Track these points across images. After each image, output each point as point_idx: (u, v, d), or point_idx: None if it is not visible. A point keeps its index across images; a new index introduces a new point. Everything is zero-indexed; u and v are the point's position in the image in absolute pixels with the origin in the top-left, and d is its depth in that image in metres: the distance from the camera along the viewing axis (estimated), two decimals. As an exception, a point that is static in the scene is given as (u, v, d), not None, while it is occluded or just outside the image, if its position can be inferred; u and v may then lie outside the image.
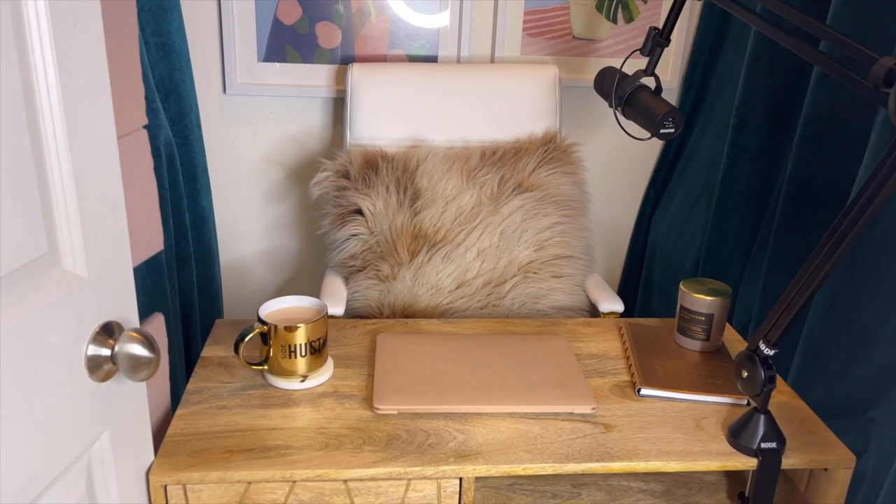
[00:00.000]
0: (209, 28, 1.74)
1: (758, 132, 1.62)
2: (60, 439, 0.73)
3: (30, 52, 0.66)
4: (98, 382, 0.78)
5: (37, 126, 0.68)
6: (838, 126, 1.37)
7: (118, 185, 0.79)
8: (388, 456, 0.98)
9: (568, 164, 1.67)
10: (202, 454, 0.97)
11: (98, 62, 0.74)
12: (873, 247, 1.20)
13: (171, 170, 1.46)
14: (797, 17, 0.94)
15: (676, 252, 1.90)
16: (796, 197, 1.45)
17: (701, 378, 1.16)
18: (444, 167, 1.60)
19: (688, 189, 1.91)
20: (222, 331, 1.28)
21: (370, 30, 1.77)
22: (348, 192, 1.58)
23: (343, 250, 1.59)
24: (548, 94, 1.71)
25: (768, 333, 0.97)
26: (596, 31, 1.83)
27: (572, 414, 1.08)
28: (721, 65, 1.82)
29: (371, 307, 1.58)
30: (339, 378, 1.15)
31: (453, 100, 1.70)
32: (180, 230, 1.54)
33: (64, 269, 0.73)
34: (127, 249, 0.82)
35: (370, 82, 1.67)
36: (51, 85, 0.68)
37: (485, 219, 1.58)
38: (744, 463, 1.00)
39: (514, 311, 1.58)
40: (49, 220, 0.70)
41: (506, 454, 0.99)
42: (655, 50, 1.24)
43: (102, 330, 0.77)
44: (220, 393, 1.10)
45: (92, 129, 0.74)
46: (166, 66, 1.50)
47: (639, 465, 0.99)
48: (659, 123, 1.19)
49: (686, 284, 1.24)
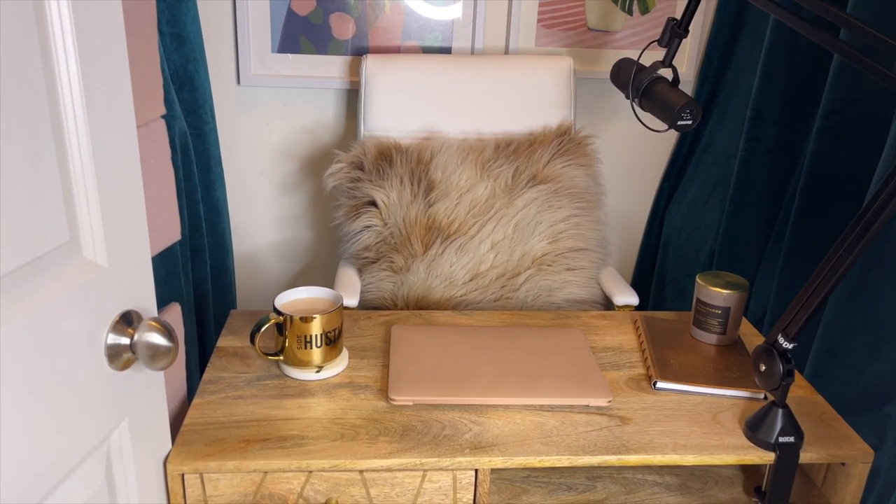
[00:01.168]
0: (223, 19, 1.74)
1: (775, 124, 1.60)
2: (80, 427, 0.74)
3: (52, 43, 0.66)
4: (117, 371, 0.78)
5: (58, 116, 0.68)
6: (858, 118, 1.35)
7: (137, 174, 0.79)
8: (404, 447, 0.98)
9: (582, 156, 1.66)
10: (219, 443, 0.97)
11: (119, 52, 0.74)
12: (891, 240, 1.19)
13: (186, 161, 1.46)
14: (818, 6, 0.93)
15: (691, 245, 1.89)
16: (814, 190, 1.43)
17: (717, 371, 1.15)
18: (458, 159, 1.60)
19: (702, 182, 1.90)
20: (237, 321, 1.28)
21: (384, 21, 1.76)
22: (362, 184, 1.58)
23: (357, 242, 1.59)
24: (562, 86, 1.70)
25: (787, 327, 0.96)
26: (611, 23, 1.82)
27: (588, 407, 1.08)
28: (737, 56, 1.81)
29: (385, 299, 1.58)
30: (354, 369, 1.15)
31: (467, 91, 1.69)
32: (194, 221, 1.54)
33: (84, 258, 0.73)
34: (146, 239, 0.82)
35: (384, 74, 1.66)
36: (72, 75, 0.68)
37: (499, 211, 1.58)
38: (761, 457, 1.00)
39: (527, 303, 1.58)
40: (70, 209, 0.70)
41: (521, 446, 0.99)
42: (673, 41, 1.23)
43: (122, 319, 0.78)
44: (236, 383, 1.10)
45: (112, 119, 0.74)
46: (181, 56, 1.50)
47: (655, 458, 0.98)
48: (677, 115, 1.18)
49: (703, 277, 1.23)
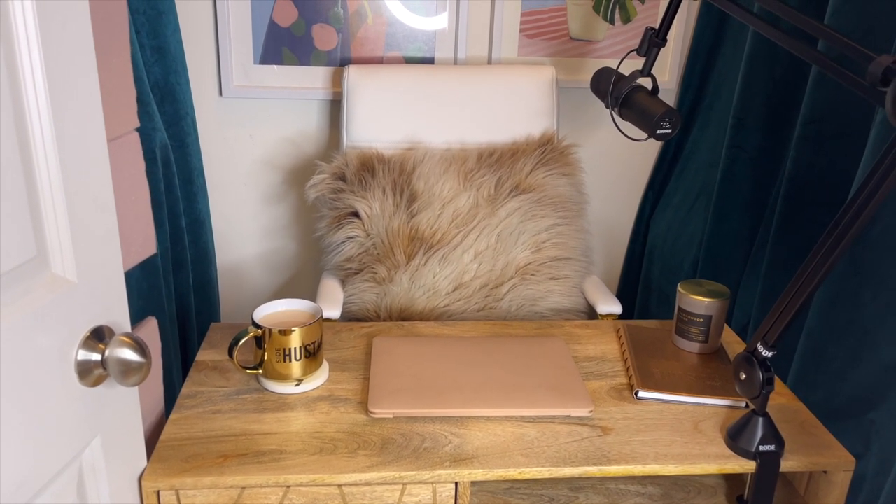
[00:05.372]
0: (205, 31, 1.74)
1: (757, 132, 1.61)
2: (50, 445, 0.72)
3: (17, 54, 0.65)
4: (88, 387, 0.77)
5: (24, 128, 0.67)
6: (837, 126, 1.36)
7: (108, 188, 0.79)
8: (384, 460, 0.97)
9: (565, 165, 1.66)
10: (196, 459, 0.96)
11: (87, 64, 0.74)
12: (872, 247, 1.19)
13: (167, 173, 1.45)
14: (794, 17, 0.94)
15: (675, 253, 1.90)
16: (795, 197, 1.44)
17: (699, 380, 1.15)
18: (441, 169, 1.60)
19: (686, 190, 1.90)
20: (217, 334, 1.27)
21: (367, 32, 1.76)
22: (344, 195, 1.58)
23: (339, 253, 1.59)
24: (545, 95, 1.71)
25: (766, 335, 0.96)
26: (593, 32, 1.83)
27: (569, 417, 1.07)
28: (719, 65, 1.81)
29: (368, 310, 1.57)
30: (334, 382, 1.14)
31: (450, 101, 1.69)
32: (176, 233, 1.53)
33: (53, 274, 0.73)
34: (118, 253, 0.81)
35: (367, 84, 1.66)
36: (38, 87, 0.67)
37: (482, 220, 1.57)
38: (742, 466, 0.99)
39: (511, 313, 1.57)
40: (37, 224, 0.70)
41: (502, 458, 0.98)
42: (652, 50, 1.24)
43: (93, 334, 0.77)
44: (215, 397, 1.09)
45: (81, 132, 0.73)
46: (162, 69, 1.50)
47: (636, 468, 0.98)
48: (656, 124, 1.18)
49: (684, 286, 1.23)
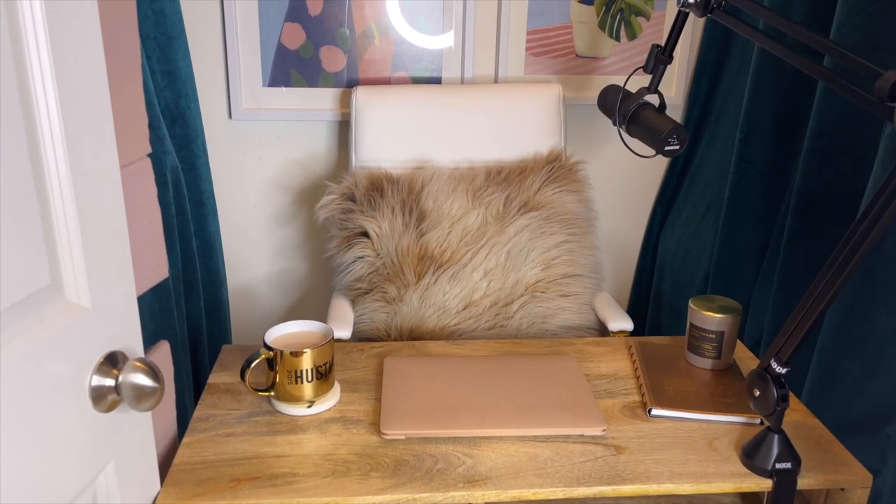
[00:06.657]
0: (214, 54, 1.76)
1: (765, 146, 1.61)
2: (65, 471, 0.73)
3: (31, 84, 0.66)
4: (102, 413, 0.78)
5: (39, 158, 0.68)
6: (846, 139, 1.36)
7: (121, 215, 0.79)
8: (396, 482, 0.96)
9: (573, 182, 1.66)
10: (209, 483, 0.96)
11: (100, 93, 0.75)
12: (884, 260, 1.18)
13: (178, 196, 1.47)
14: (800, 33, 0.94)
15: (685, 268, 1.89)
16: (805, 211, 1.43)
17: (713, 397, 1.14)
18: (450, 188, 1.60)
19: (695, 204, 1.90)
20: (229, 357, 1.27)
21: (374, 53, 1.78)
22: (354, 215, 1.58)
23: (349, 273, 1.59)
24: (552, 112, 1.71)
25: (780, 351, 0.95)
26: (599, 49, 1.84)
27: (583, 436, 1.07)
28: (725, 79, 1.82)
29: (378, 330, 1.57)
30: (345, 403, 1.14)
31: (458, 120, 1.70)
32: (187, 256, 1.54)
33: (67, 301, 0.73)
34: (131, 279, 0.82)
35: (374, 105, 1.67)
36: (52, 117, 0.68)
37: (491, 238, 1.57)
38: (758, 484, 0.98)
39: (522, 331, 1.57)
40: (52, 252, 0.70)
41: (515, 479, 0.97)
42: (658, 67, 1.24)
43: (106, 360, 0.77)
44: (227, 420, 1.09)
45: (95, 161, 0.74)
46: (172, 92, 1.51)
47: (651, 487, 0.97)
48: (664, 141, 1.19)
49: (695, 302, 1.23)
